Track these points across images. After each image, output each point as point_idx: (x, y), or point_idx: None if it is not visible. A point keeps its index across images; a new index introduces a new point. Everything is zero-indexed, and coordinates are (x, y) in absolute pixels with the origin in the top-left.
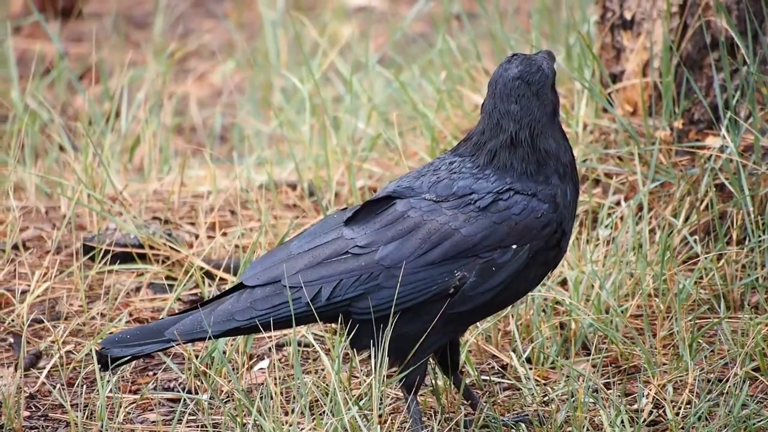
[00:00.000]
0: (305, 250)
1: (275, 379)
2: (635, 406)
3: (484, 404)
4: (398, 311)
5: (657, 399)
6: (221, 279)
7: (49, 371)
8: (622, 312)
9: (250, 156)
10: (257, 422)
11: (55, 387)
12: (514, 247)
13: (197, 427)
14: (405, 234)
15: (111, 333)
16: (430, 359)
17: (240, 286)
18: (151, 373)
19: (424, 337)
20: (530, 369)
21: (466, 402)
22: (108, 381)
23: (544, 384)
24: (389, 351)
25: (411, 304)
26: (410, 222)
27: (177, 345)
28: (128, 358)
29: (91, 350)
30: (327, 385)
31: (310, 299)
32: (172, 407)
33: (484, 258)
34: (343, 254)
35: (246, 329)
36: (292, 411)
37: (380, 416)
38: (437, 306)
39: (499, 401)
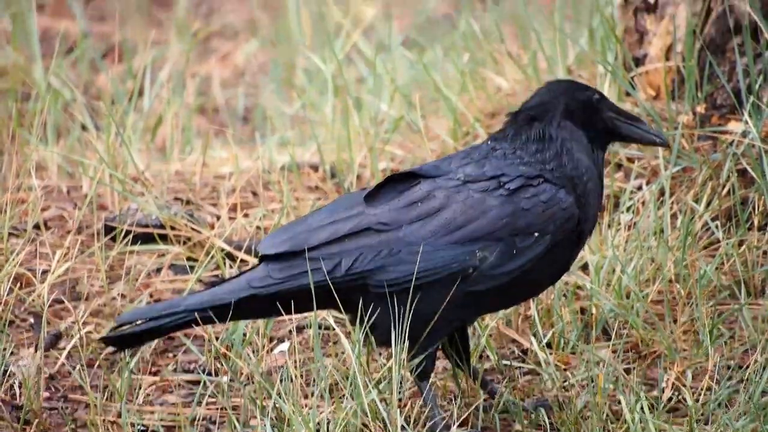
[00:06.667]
0: (326, 223)
1: (295, 361)
2: (655, 392)
3: (504, 389)
4: (415, 287)
5: (677, 385)
6: (242, 260)
7: (69, 352)
8: (642, 297)
9: (272, 137)
10: (277, 405)
11: (74, 368)
12: (536, 234)
13: (217, 409)
14: (430, 214)
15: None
16: (440, 346)
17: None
18: (171, 354)
19: (436, 318)
20: (550, 354)
21: (483, 390)
22: (128, 362)
23: (564, 369)
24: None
25: (429, 280)
26: (435, 202)
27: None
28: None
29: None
30: (347, 368)
31: (329, 270)
32: (191, 389)
33: (507, 242)
34: (365, 230)
35: (263, 299)
36: (312, 394)
37: (400, 400)
38: (453, 286)
39: (518, 386)
